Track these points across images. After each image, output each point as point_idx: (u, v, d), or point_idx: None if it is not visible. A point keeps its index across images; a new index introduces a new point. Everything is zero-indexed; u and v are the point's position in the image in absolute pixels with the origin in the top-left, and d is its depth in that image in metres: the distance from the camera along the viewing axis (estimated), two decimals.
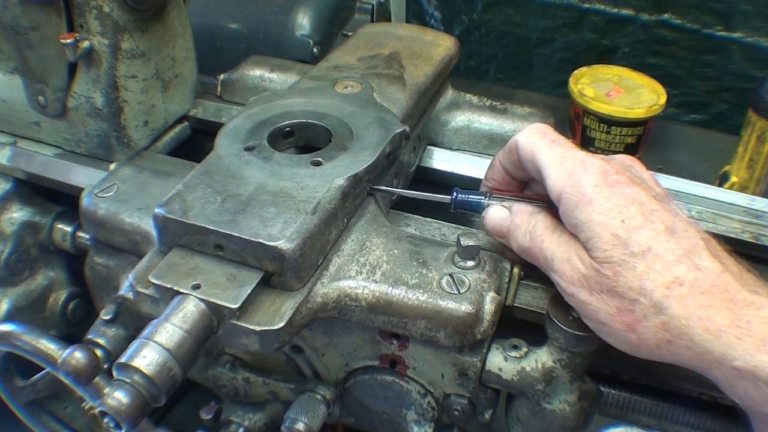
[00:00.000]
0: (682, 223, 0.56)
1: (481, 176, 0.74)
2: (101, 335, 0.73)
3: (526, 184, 0.70)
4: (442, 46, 0.91)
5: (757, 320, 0.51)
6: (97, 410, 0.52)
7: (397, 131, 0.72)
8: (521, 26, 1.97)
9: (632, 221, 0.55)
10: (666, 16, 1.81)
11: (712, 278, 0.53)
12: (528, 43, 1.99)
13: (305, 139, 0.74)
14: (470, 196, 0.67)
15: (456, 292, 0.60)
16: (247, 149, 0.68)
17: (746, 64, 1.76)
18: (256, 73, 0.94)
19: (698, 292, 0.52)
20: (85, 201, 0.72)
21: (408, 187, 0.83)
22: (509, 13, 1.96)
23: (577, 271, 0.56)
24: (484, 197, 0.67)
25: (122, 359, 0.53)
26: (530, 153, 0.62)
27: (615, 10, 1.85)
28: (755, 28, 1.73)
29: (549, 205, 0.62)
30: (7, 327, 0.78)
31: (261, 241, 0.57)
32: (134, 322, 0.72)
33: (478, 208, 0.67)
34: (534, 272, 0.69)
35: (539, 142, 0.61)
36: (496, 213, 0.65)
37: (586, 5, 1.87)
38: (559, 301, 0.62)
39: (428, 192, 0.70)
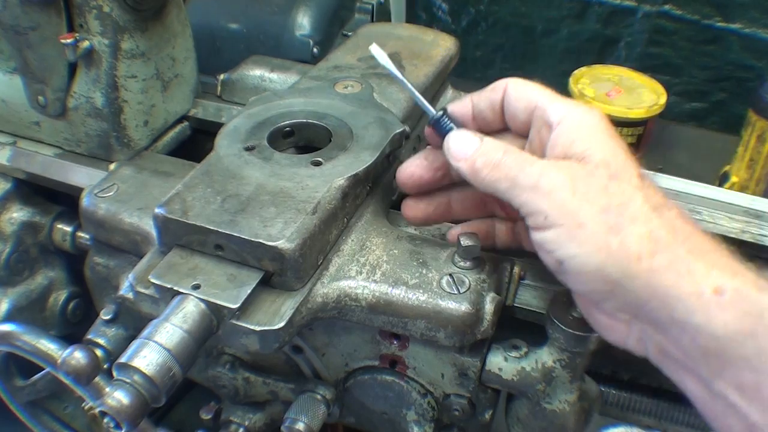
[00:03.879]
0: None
1: None
2: (101, 335, 0.73)
3: None
4: (442, 46, 0.91)
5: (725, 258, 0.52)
6: (97, 410, 0.52)
7: (397, 131, 0.72)
8: (527, 17, 2.00)
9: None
10: (667, 7, 1.84)
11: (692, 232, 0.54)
12: (533, 33, 2.02)
13: (305, 139, 0.74)
14: (451, 123, 0.62)
15: (456, 292, 0.60)
16: (247, 149, 0.68)
17: (744, 54, 1.80)
18: (256, 73, 0.94)
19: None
20: (84, 201, 0.72)
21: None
22: (515, 4, 2.00)
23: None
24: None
25: (122, 359, 0.53)
26: (524, 91, 0.62)
27: (618, 2, 1.88)
28: (753, 20, 1.76)
29: None
30: (7, 327, 0.78)
31: (261, 241, 0.57)
32: (134, 322, 0.72)
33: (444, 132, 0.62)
34: (534, 272, 0.70)
35: (534, 85, 0.62)
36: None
37: None
38: (559, 301, 0.62)
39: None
